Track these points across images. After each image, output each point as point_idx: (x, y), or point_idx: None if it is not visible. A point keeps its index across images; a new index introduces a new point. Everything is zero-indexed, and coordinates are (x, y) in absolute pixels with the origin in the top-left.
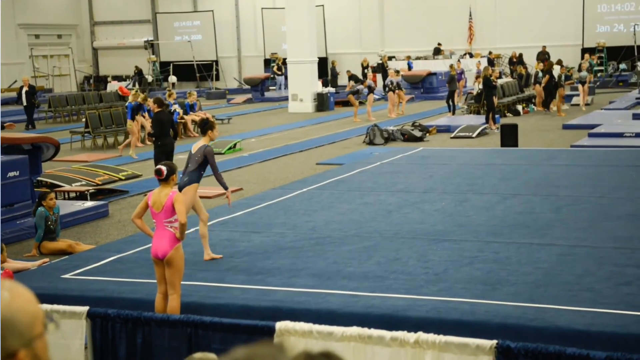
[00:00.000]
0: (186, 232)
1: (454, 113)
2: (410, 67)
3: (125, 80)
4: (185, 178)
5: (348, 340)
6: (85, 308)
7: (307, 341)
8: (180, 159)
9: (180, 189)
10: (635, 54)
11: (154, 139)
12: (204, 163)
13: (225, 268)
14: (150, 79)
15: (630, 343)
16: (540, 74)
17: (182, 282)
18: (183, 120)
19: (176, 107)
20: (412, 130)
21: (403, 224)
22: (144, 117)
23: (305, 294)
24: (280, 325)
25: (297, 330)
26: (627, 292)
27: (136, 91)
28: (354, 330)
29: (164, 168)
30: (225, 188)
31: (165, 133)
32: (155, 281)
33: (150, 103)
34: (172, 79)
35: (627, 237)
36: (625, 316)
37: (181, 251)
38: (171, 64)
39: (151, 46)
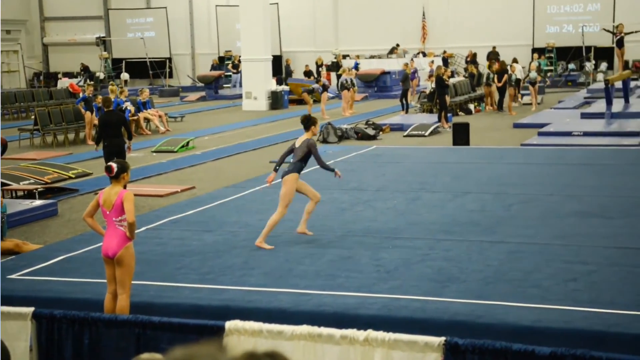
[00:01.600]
0: (136, 231)
1: (407, 112)
2: (356, 67)
3: (76, 77)
4: (288, 168)
5: (298, 339)
6: (31, 309)
7: (257, 340)
8: (131, 157)
9: (282, 176)
10: (584, 54)
11: (95, 141)
12: (307, 155)
13: (177, 267)
14: (102, 76)
15: (576, 338)
16: (492, 75)
17: (133, 282)
18: (135, 118)
19: (128, 105)
20: (366, 128)
21: (355, 222)
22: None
23: (256, 292)
24: (229, 324)
25: (247, 329)
26: (573, 289)
27: (88, 86)
28: (304, 328)
29: (114, 165)
30: (333, 170)
31: (112, 134)
32: (105, 281)
33: (99, 101)
34: (125, 76)
35: (575, 234)
36: (571, 312)
37: (132, 250)
38: (124, 61)
39: (103, 43)
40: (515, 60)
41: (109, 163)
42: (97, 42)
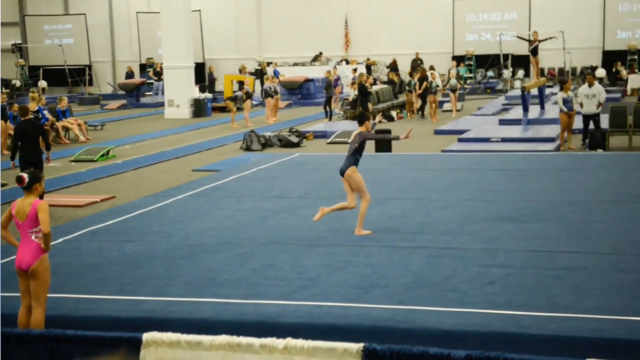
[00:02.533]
0: (52, 242)
1: (330, 119)
2: (276, 75)
3: None
4: (344, 163)
5: (217, 349)
6: None
7: (176, 351)
8: (50, 167)
9: (342, 173)
10: (502, 61)
11: (11, 152)
12: (361, 147)
13: (95, 279)
14: (18, 83)
15: (492, 341)
16: (413, 82)
17: (49, 295)
18: (55, 126)
19: (46, 114)
20: (289, 136)
21: (278, 230)
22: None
23: (177, 303)
24: (147, 336)
25: (165, 340)
26: (490, 292)
27: (2, 94)
28: (223, 338)
29: (25, 175)
30: (397, 138)
31: (29, 143)
32: (18, 294)
33: (15, 109)
34: (42, 83)
35: (492, 238)
36: (488, 315)
37: (47, 262)
38: (41, 69)
39: (19, 49)
40: (432, 68)
41: (20, 174)
42: (13, 49)
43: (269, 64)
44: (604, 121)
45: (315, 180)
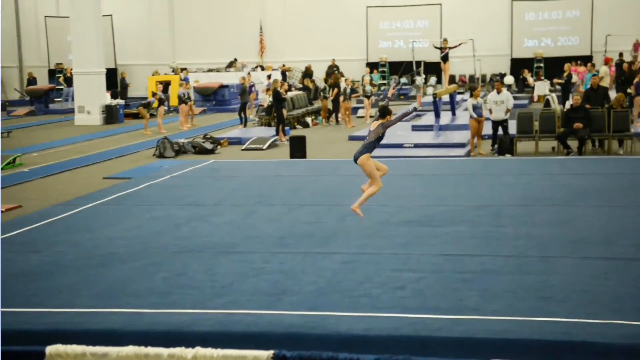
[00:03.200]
0: None
1: (245, 125)
2: (187, 81)
3: None
4: (359, 150)
5: None
6: None
7: None
8: None
9: (355, 160)
10: (414, 68)
11: None
12: (380, 138)
13: None
14: None
15: (403, 344)
16: (328, 89)
17: None
18: None
19: None
20: (204, 142)
21: (191, 238)
22: None
23: (86, 314)
24: (50, 349)
25: (69, 353)
26: (401, 296)
27: None
28: (130, 349)
29: None
30: (412, 110)
31: None
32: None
33: None
34: None
35: (404, 243)
36: (399, 319)
37: None
38: None
39: None
40: (342, 74)
41: None
42: None
43: (182, 69)
44: (512, 127)
45: (229, 187)
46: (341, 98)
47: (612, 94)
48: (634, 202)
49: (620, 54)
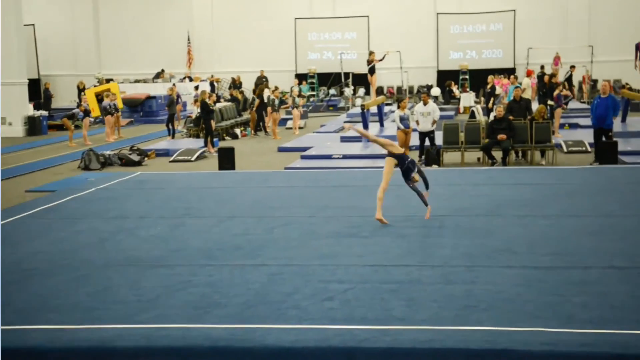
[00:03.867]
0: None
1: (173, 137)
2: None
3: None
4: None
5: None
6: None
7: None
8: None
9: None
10: (343, 80)
11: None
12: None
13: None
14: None
15: (330, 356)
16: (256, 100)
17: None
18: None
19: None
20: (130, 154)
21: (117, 252)
22: None
23: (6, 331)
24: None
25: None
26: (329, 307)
27: None
28: None
29: None
30: None
31: None
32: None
33: None
34: None
35: (332, 254)
36: (327, 330)
37: None
38: None
39: None
40: (266, 86)
41: None
42: None
43: (108, 80)
44: (439, 138)
45: (156, 200)
46: (269, 109)
47: (535, 106)
48: (555, 212)
49: (542, 67)
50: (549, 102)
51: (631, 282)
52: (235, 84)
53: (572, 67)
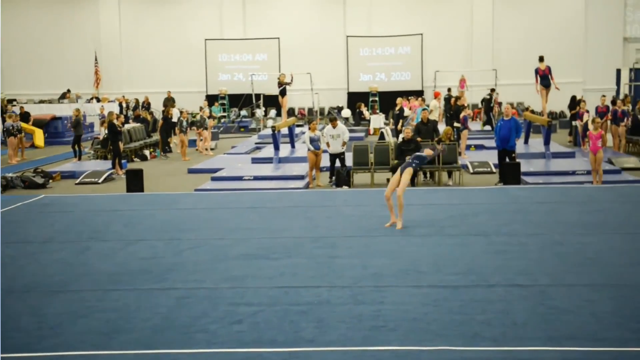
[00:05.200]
0: None
1: (80, 158)
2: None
3: None
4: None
5: None
6: None
7: None
8: None
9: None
10: (254, 101)
11: None
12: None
13: None
14: None
15: None
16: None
17: None
18: None
19: None
20: (34, 176)
21: (18, 277)
22: None
23: None
24: None
25: None
26: (237, 330)
27: None
28: None
29: None
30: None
31: None
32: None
33: None
34: None
35: (241, 276)
36: (235, 354)
37: None
38: None
39: None
40: (173, 105)
41: None
42: None
43: (10, 101)
44: (349, 159)
45: (61, 223)
46: (177, 130)
47: (441, 127)
48: (462, 231)
49: (449, 89)
50: (455, 123)
51: (533, 300)
52: (144, 105)
53: (492, 89)
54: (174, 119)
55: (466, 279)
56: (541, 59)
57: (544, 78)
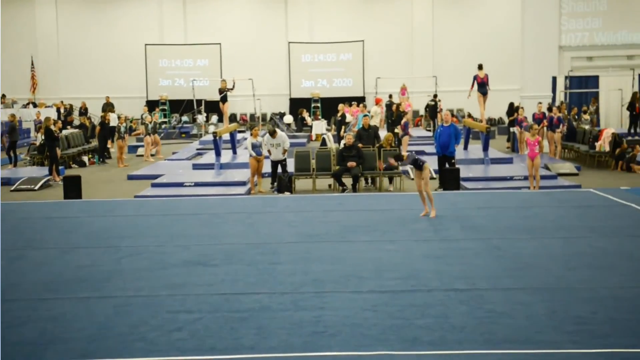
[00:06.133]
0: None
1: (15, 164)
2: None
3: None
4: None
5: None
6: None
7: None
8: None
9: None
10: (195, 107)
11: None
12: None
13: None
14: None
15: None
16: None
17: None
18: None
19: None
20: None
21: None
22: None
23: None
24: None
25: None
26: (177, 338)
27: None
28: None
29: None
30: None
31: None
32: None
33: None
34: None
35: (181, 283)
36: None
37: None
38: None
39: None
40: (111, 110)
41: None
42: None
43: None
44: (291, 165)
45: None
46: (116, 136)
47: (382, 134)
48: (402, 236)
49: (390, 96)
50: (396, 130)
51: (471, 304)
52: (80, 110)
53: (435, 95)
54: (113, 124)
55: (406, 284)
56: (480, 66)
57: (482, 86)
